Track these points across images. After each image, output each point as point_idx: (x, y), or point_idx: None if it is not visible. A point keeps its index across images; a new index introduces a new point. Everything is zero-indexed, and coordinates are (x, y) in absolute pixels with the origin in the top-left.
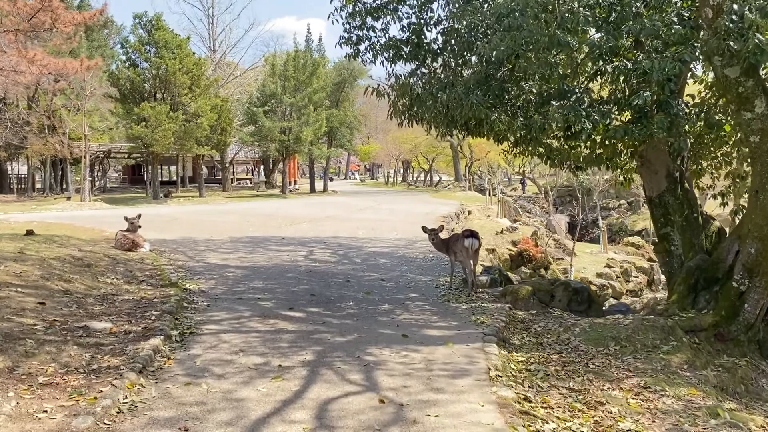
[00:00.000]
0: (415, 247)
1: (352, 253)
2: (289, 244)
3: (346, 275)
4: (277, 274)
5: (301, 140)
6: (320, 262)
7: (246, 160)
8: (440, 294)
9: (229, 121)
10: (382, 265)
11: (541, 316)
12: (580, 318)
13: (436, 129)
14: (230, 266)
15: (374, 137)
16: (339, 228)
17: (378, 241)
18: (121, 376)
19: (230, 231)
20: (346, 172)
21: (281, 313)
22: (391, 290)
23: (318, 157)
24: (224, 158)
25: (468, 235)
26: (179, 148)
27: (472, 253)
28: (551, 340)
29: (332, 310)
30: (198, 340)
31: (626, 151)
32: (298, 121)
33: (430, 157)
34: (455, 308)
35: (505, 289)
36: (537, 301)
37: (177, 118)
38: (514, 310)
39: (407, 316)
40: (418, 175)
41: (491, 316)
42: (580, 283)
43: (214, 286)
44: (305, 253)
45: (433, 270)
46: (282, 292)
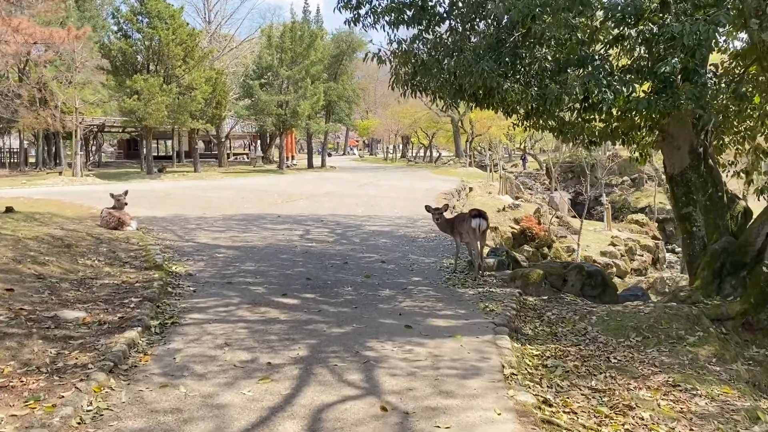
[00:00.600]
0: (417, 225)
1: (351, 232)
2: (284, 223)
3: (344, 257)
4: (271, 256)
5: (298, 114)
6: (317, 242)
7: (243, 135)
8: (445, 278)
9: (225, 94)
10: (382, 245)
11: (554, 302)
12: (596, 305)
13: (441, 100)
14: (221, 246)
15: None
16: (337, 205)
17: (377, 219)
18: (88, 377)
19: (224, 208)
20: (344, 148)
21: (273, 300)
22: (392, 273)
23: (316, 131)
24: (220, 133)
25: (475, 215)
26: (173, 121)
27: (479, 234)
28: (566, 329)
29: (329, 297)
30: (180, 332)
31: (644, 125)
32: (295, 94)
33: (430, 132)
34: (461, 294)
35: (514, 272)
36: (549, 285)
37: (170, 90)
38: (525, 296)
39: (410, 303)
40: (417, 151)
41: (500, 303)
42: (594, 266)
43: (203, 268)
44: (301, 233)
45: (435, 251)
46: (275, 276)
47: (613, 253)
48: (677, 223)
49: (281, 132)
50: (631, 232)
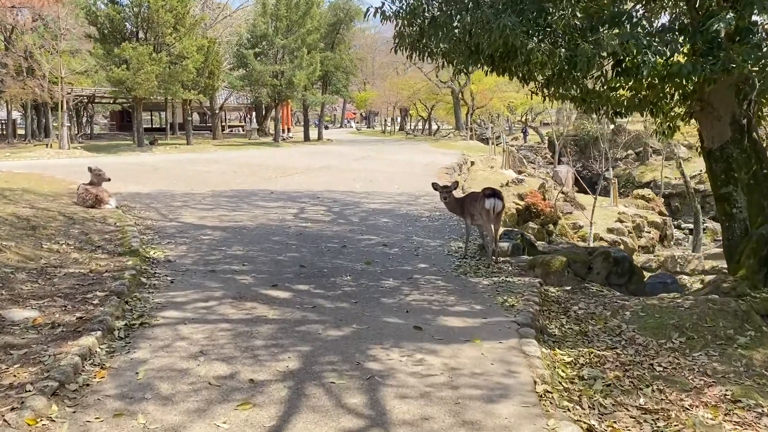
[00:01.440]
0: (419, 203)
1: (349, 210)
2: (277, 200)
3: (342, 239)
4: (262, 238)
5: (294, 85)
6: (312, 222)
7: (238, 107)
8: (454, 264)
9: (218, 63)
10: (383, 225)
11: (579, 293)
12: (628, 297)
13: (451, 64)
14: (207, 227)
15: (371, 84)
16: (334, 180)
17: (377, 196)
18: (23, 404)
19: (214, 183)
20: (341, 120)
21: (261, 293)
22: (395, 259)
23: (312, 103)
24: (213, 104)
25: (489, 195)
26: (164, 92)
27: (494, 216)
28: (598, 328)
29: (325, 288)
30: (149, 335)
31: (678, 94)
32: (290, 64)
33: (430, 104)
34: (475, 284)
35: (533, 260)
36: (572, 274)
37: (160, 59)
38: (546, 286)
39: (417, 296)
40: (416, 124)
41: (520, 296)
42: (621, 251)
43: (185, 253)
44: (296, 211)
45: (441, 232)
46: (265, 262)
47: (620, 230)
48: (715, 203)
49: (277, 104)
50: (638, 207)
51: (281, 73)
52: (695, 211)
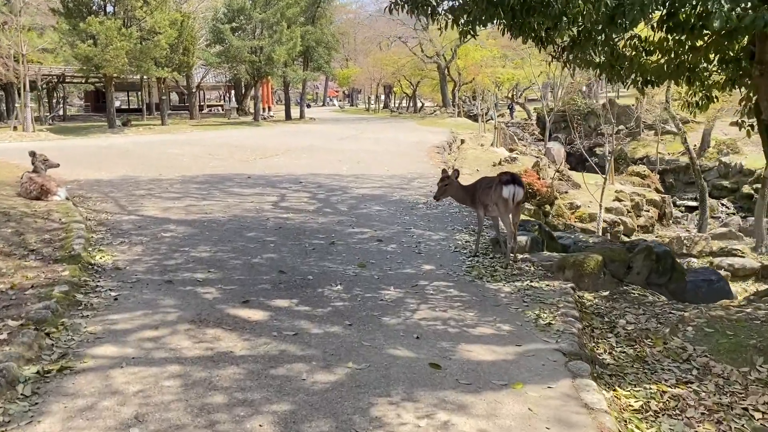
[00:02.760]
0: (413, 187)
1: (335, 197)
2: (255, 185)
3: (330, 233)
4: (234, 234)
5: (273, 61)
6: (294, 213)
7: (217, 86)
8: (465, 265)
9: (192, 39)
10: (375, 215)
11: (621, 300)
12: (681, 304)
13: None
14: (171, 221)
15: (354, 61)
16: (318, 162)
17: (366, 179)
18: None
19: (186, 167)
20: (324, 99)
21: (229, 313)
22: (394, 259)
23: (293, 80)
24: (190, 83)
25: (507, 181)
26: (135, 69)
27: (513, 206)
28: (658, 351)
29: (310, 303)
30: (67, 390)
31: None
32: (269, 39)
33: (414, 80)
34: (495, 292)
35: (563, 260)
36: (609, 275)
37: (130, 35)
38: (580, 292)
39: (427, 311)
40: (400, 102)
41: (554, 309)
42: (662, 245)
43: (139, 256)
44: (275, 199)
45: (442, 222)
46: (236, 267)
47: (619, 210)
48: None
49: (256, 81)
50: (633, 185)
51: (260, 49)
52: (701, 188)
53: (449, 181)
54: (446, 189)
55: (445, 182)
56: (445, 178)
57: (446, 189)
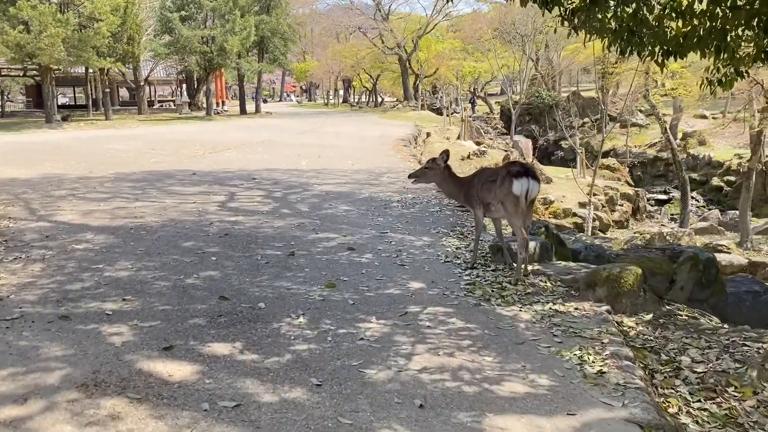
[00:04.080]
0: (383, 182)
1: (295, 195)
2: (200, 183)
3: (288, 241)
4: (167, 244)
5: (226, 52)
6: (244, 215)
7: (168, 80)
8: (464, 281)
9: (137, 28)
10: (343, 216)
11: (670, 326)
12: (755, 331)
13: None
14: (90, 228)
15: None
16: (274, 157)
17: (329, 174)
18: None
19: (124, 164)
20: (281, 94)
21: (141, 370)
22: (371, 275)
23: (248, 72)
24: (138, 75)
25: (519, 173)
26: (75, 59)
27: (526, 205)
28: (751, 407)
29: (261, 349)
30: None
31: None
32: (221, 29)
33: (375, 74)
34: (510, 321)
35: (593, 274)
36: (651, 292)
37: (67, 21)
38: (617, 315)
39: (428, 357)
40: (360, 96)
41: (596, 345)
42: (707, 252)
43: (35, 278)
44: (223, 198)
45: (423, 223)
46: (163, 293)
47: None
48: None
49: (208, 73)
50: (604, 178)
51: (211, 39)
52: (682, 181)
53: (434, 166)
54: (427, 174)
55: (430, 167)
56: (430, 162)
57: (427, 174)
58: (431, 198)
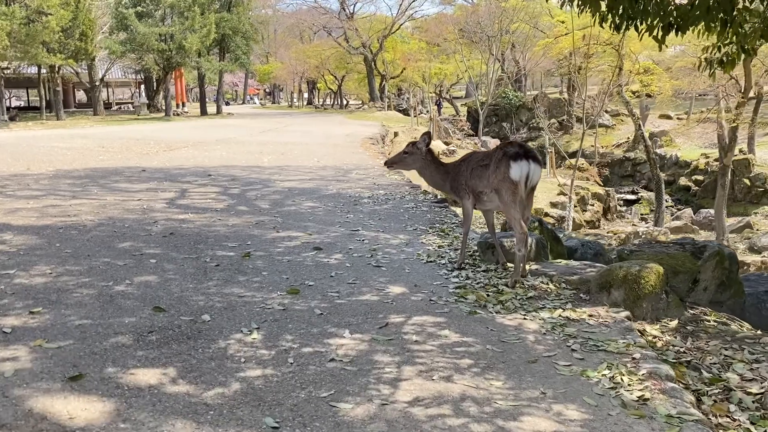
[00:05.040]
0: (351, 178)
1: (254, 192)
2: (149, 180)
3: (244, 240)
4: (100, 245)
5: (185, 50)
6: (195, 213)
7: (126, 82)
8: (452, 283)
9: (91, 23)
10: (308, 213)
11: (701, 334)
12: None
13: None
14: (11, 227)
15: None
16: (234, 155)
17: (293, 171)
18: None
19: (67, 160)
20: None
21: (32, 411)
22: (342, 278)
23: (208, 72)
24: (93, 75)
25: (517, 155)
26: (21, 55)
27: (525, 193)
28: None
29: (200, 377)
30: None
31: None
32: (180, 26)
33: (340, 75)
34: (515, 332)
35: (607, 274)
36: (672, 293)
37: (12, 14)
38: (637, 322)
39: (419, 383)
40: (325, 98)
41: (626, 360)
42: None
43: None
44: (172, 195)
45: (398, 219)
46: (83, 303)
47: (564, 204)
48: None
49: (167, 72)
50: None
51: (170, 37)
52: (657, 180)
53: (415, 150)
54: (406, 159)
55: (410, 151)
56: (410, 146)
57: (406, 159)
58: (405, 194)
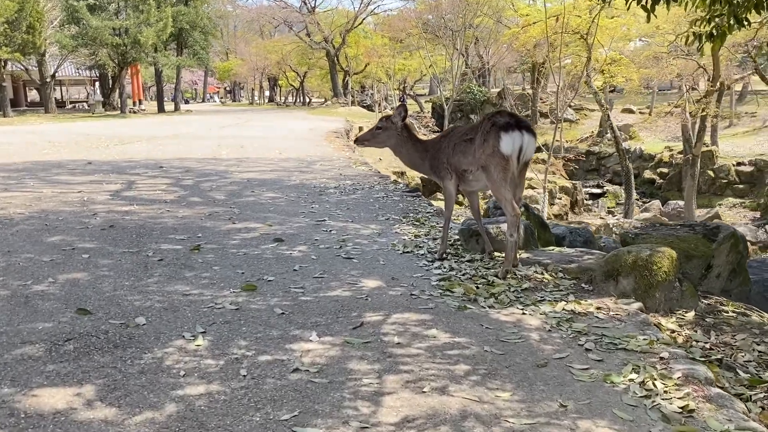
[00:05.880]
0: (315, 170)
1: (209, 183)
2: (94, 172)
3: (194, 232)
4: (25, 240)
5: (141, 44)
6: (141, 204)
7: (81, 80)
8: (434, 275)
9: (39, 15)
10: (269, 204)
11: (723, 326)
12: None
13: None
14: None
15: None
16: (190, 148)
17: (252, 163)
18: None
19: (6, 155)
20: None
21: None
22: (307, 272)
23: (165, 67)
24: (43, 71)
25: (508, 125)
26: None
27: (518, 169)
28: None
29: (126, 400)
30: None
31: None
32: (135, 19)
33: (302, 71)
34: (512, 328)
35: (614, 260)
36: (686, 281)
37: None
38: (651, 315)
39: (407, 396)
40: (287, 96)
41: (655, 361)
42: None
43: None
44: (118, 187)
45: (368, 209)
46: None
47: (533, 197)
48: None
49: (122, 68)
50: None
51: (125, 31)
52: (626, 172)
53: (389, 125)
54: (379, 136)
55: (384, 126)
56: (384, 120)
57: (379, 136)
58: (374, 184)
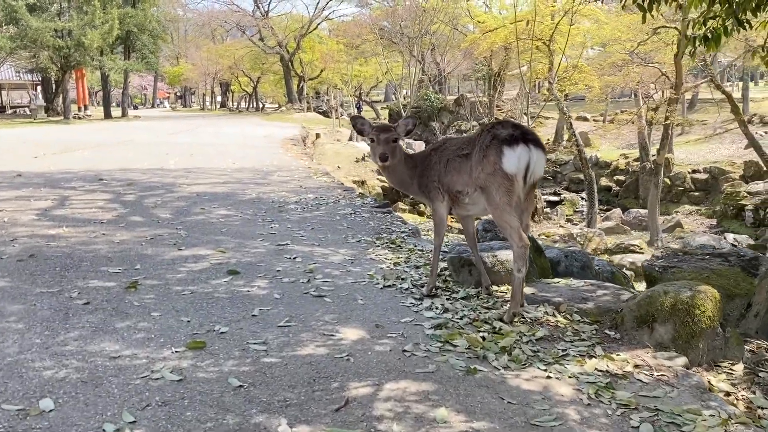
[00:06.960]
0: (273, 181)
1: (154, 199)
2: (23, 186)
3: (131, 264)
4: None
5: (85, 47)
6: (72, 226)
7: (22, 83)
8: (426, 319)
9: None
10: (221, 224)
11: None
12: None
13: None
14: None
15: (185, 57)
16: (136, 156)
17: (203, 174)
18: None
19: None
20: (153, 100)
21: None
22: (270, 318)
23: (112, 72)
24: None
25: (512, 138)
26: None
27: (525, 191)
28: None
29: None
30: None
31: None
32: (79, 21)
33: (255, 76)
34: (541, 402)
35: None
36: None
37: None
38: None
39: None
40: (239, 101)
41: None
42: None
43: None
44: (48, 205)
45: (335, 228)
46: None
47: None
48: None
49: (65, 72)
50: None
51: (68, 33)
52: (589, 180)
53: (397, 135)
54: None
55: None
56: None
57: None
58: (339, 198)
